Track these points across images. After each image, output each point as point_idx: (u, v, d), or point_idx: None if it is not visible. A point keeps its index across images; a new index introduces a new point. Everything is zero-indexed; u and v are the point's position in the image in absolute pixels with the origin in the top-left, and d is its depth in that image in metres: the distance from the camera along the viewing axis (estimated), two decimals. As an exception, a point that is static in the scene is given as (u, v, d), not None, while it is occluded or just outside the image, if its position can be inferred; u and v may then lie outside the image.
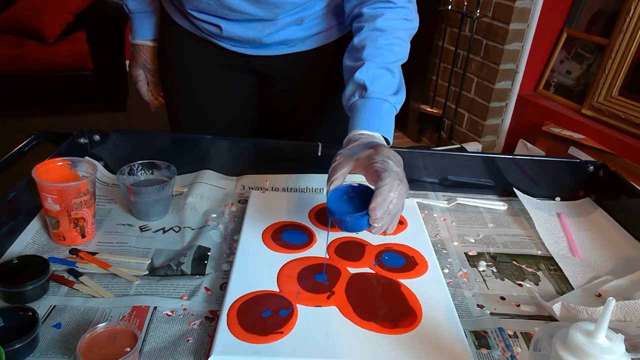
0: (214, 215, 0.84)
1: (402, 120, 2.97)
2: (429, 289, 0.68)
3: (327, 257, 0.73)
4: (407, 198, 0.90)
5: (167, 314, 0.63)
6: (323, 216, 0.82)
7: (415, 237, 0.79)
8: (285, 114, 1.06)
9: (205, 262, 0.73)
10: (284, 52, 0.95)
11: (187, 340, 0.59)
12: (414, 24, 0.84)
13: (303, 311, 0.62)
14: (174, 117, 1.10)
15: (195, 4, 0.88)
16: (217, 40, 0.95)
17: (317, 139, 0.95)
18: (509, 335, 0.64)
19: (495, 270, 0.77)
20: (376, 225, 0.64)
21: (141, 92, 1.11)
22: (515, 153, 1.83)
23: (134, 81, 1.09)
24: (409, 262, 0.73)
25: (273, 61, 0.97)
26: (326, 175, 0.94)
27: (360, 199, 0.67)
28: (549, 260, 0.80)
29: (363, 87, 0.77)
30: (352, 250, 0.75)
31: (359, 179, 0.76)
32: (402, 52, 0.82)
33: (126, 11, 1.02)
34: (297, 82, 1.01)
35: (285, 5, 0.85)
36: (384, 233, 0.67)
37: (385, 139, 0.75)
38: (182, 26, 0.97)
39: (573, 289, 0.74)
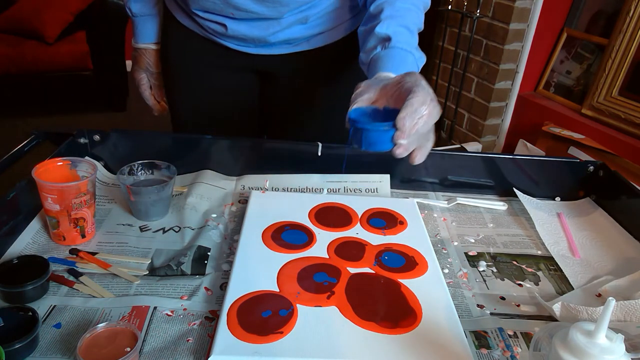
0: (214, 215, 0.84)
1: (402, 120, 2.96)
2: (429, 289, 0.68)
3: (343, 169, 0.67)
4: (407, 199, 0.91)
5: (167, 314, 0.63)
6: (323, 216, 0.82)
7: (415, 237, 0.79)
8: (288, 114, 1.06)
9: (205, 262, 0.73)
10: (288, 51, 0.96)
11: (187, 340, 0.59)
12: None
13: (303, 311, 0.62)
14: (176, 117, 1.10)
15: (201, 3, 0.88)
16: (221, 39, 0.95)
17: (320, 139, 0.95)
18: (509, 335, 0.64)
19: (495, 270, 0.77)
20: (402, 141, 0.57)
21: (144, 96, 1.10)
22: (515, 153, 1.83)
23: (137, 85, 1.09)
24: (409, 262, 0.73)
25: (277, 60, 0.97)
26: (326, 175, 0.94)
27: (386, 118, 0.60)
28: (549, 260, 0.80)
29: (386, 39, 0.74)
30: (352, 250, 0.75)
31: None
32: (419, 18, 0.80)
33: (129, 14, 1.01)
34: (300, 82, 1.01)
35: (290, 3, 0.85)
36: (409, 159, 0.60)
37: None
38: (186, 26, 0.97)
39: (573, 289, 0.74)
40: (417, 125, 0.57)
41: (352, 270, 0.71)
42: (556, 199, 0.98)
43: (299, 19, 0.89)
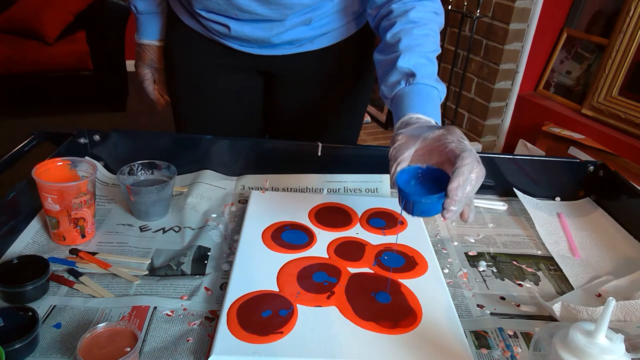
0: (214, 215, 0.84)
1: (402, 120, 2.96)
2: (429, 289, 0.68)
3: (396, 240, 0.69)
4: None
5: (167, 314, 0.63)
6: (323, 216, 0.82)
7: (415, 237, 0.79)
8: (292, 115, 1.06)
9: (205, 262, 0.73)
10: (292, 52, 0.96)
11: (187, 340, 0.59)
12: (441, 19, 0.82)
13: (303, 311, 0.62)
14: (179, 117, 1.10)
15: (205, 3, 0.88)
16: (224, 40, 0.95)
17: (323, 139, 0.95)
18: (509, 335, 0.64)
19: (495, 270, 0.77)
20: (453, 208, 0.58)
21: (147, 90, 1.11)
22: (515, 153, 1.83)
23: (141, 80, 1.09)
24: (409, 262, 0.73)
25: (280, 61, 0.97)
26: (326, 175, 0.94)
27: (432, 182, 0.62)
28: (549, 260, 0.80)
29: (410, 75, 0.73)
30: (352, 250, 0.75)
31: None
32: (436, 43, 0.79)
33: (133, 12, 1.02)
34: (304, 82, 1.01)
35: (294, 6, 0.85)
36: (462, 219, 0.62)
37: None
38: (189, 26, 0.97)
39: (573, 289, 0.74)
40: (468, 193, 0.58)
41: (352, 270, 0.71)
42: (556, 199, 0.98)
43: (302, 21, 0.89)
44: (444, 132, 0.62)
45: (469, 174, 0.58)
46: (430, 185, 0.61)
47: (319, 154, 0.94)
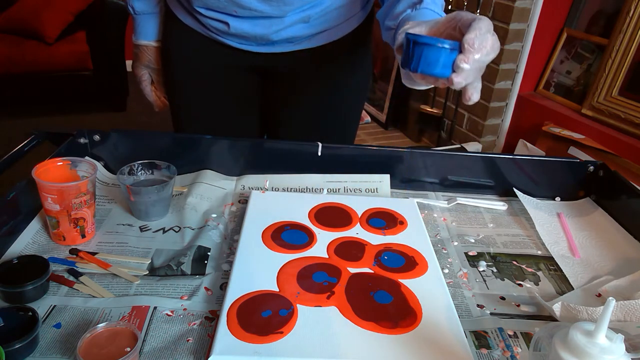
0: (214, 215, 0.84)
1: (402, 120, 2.97)
2: (429, 289, 0.68)
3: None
4: (407, 199, 0.91)
5: (167, 314, 0.63)
6: (323, 216, 0.82)
7: (415, 237, 0.79)
8: (290, 113, 1.06)
9: (205, 262, 0.73)
10: (290, 50, 0.96)
11: (187, 340, 0.59)
12: None
13: (303, 311, 0.62)
14: (177, 116, 1.10)
15: (204, 1, 0.88)
16: (223, 37, 0.95)
17: (321, 137, 0.95)
18: (509, 335, 0.64)
19: (495, 270, 0.77)
20: (465, 65, 0.53)
21: (145, 92, 1.10)
22: (515, 153, 1.83)
23: (138, 81, 1.09)
24: (408, 262, 0.73)
25: (279, 59, 0.97)
26: (326, 175, 0.94)
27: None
28: (549, 260, 0.80)
29: (417, 2, 0.71)
30: (352, 250, 0.75)
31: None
32: None
33: (131, 12, 1.01)
34: (302, 80, 1.01)
35: (294, 2, 0.85)
36: (464, 96, 0.58)
37: None
38: (188, 25, 0.97)
39: (573, 289, 0.74)
40: (483, 51, 0.54)
41: (352, 270, 0.71)
42: (556, 199, 0.98)
43: (301, 18, 0.89)
44: (455, 13, 0.59)
45: (487, 32, 0.54)
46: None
47: (319, 154, 0.94)
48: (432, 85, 0.63)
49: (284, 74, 1.01)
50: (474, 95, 0.59)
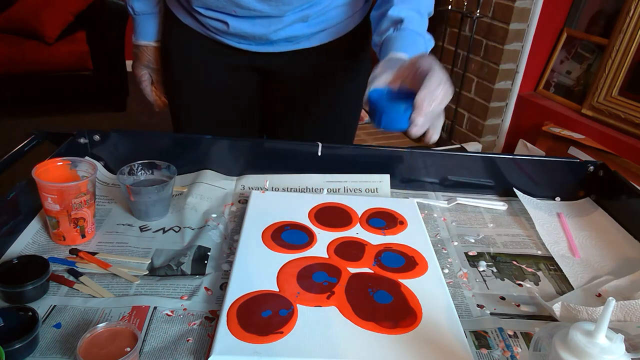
0: (214, 215, 0.84)
1: (402, 120, 2.96)
2: (429, 289, 0.68)
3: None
4: (407, 199, 0.91)
5: (167, 314, 0.63)
6: (323, 216, 0.82)
7: (415, 237, 0.79)
8: (289, 112, 1.07)
9: (205, 262, 0.73)
10: (289, 49, 0.96)
11: (187, 340, 0.59)
12: None
13: (303, 311, 0.62)
14: (176, 116, 1.10)
15: (203, 0, 0.88)
16: (222, 37, 0.95)
17: (321, 138, 0.95)
18: (509, 335, 0.64)
19: (495, 270, 0.77)
20: (419, 119, 0.61)
21: (145, 92, 1.10)
22: (515, 153, 1.83)
23: (138, 81, 1.09)
24: (408, 262, 0.73)
25: (278, 58, 0.97)
26: (326, 175, 0.94)
27: (401, 98, 0.64)
28: (549, 260, 0.80)
29: (398, 22, 0.78)
30: (351, 250, 0.75)
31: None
32: (430, 4, 0.84)
33: (130, 12, 1.01)
34: (301, 80, 1.01)
35: (293, 2, 0.86)
36: (425, 138, 0.64)
37: None
38: (187, 25, 0.97)
39: (573, 289, 0.74)
40: (434, 105, 0.61)
41: (352, 270, 0.71)
42: (556, 199, 0.98)
43: (300, 17, 0.89)
44: (418, 57, 0.66)
45: (436, 88, 0.61)
46: (401, 101, 0.64)
47: (319, 154, 0.94)
48: None
49: (283, 74, 1.01)
50: (433, 135, 0.66)
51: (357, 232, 0.79)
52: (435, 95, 0.61)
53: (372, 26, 0.85)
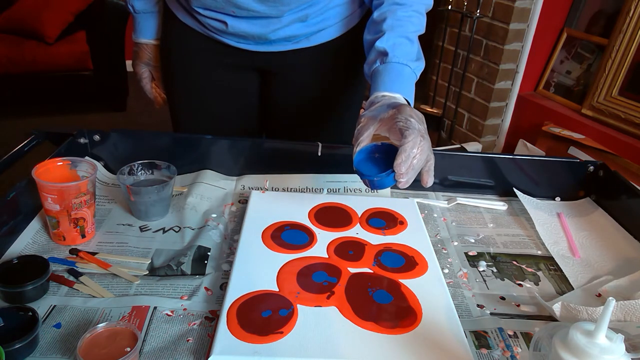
0: (214, 215, 0.84)
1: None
2: (429, 289, 0.68)
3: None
4: (407, 199, 0.91)
5: (167, 314, 0.63)
6: (323, 216, 0.82)
7: (415, 237, 0.79)
8: (288, 111, 1.07)
9: (205, 262, 0.73)
10: (288, 49, 0.96)
11: (187, 340, 0.59)
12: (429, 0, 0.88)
13: (303, 311, 0.62)
14: (175, 116, 1.10)
15: (202, 1, 0.88)
16: (221, 36, 0.95)
17: (320, 137, 0.95)
18: (509, 335, 0.64)
19: (495, 270, 0.77)
20: (402, 180, 0.67)
21: (145, 89, 1.11)
22: (515, 153, 1.83)
23: (138, 79, 1.10)
24: (408, 262, 0.73)
25: (277, 57, 0.97)
26: (326, 175, 0.94)
27: (386, 157, 0.71)
28: (549, 260, 0.80)
29: (384, 54, 0.80)
30: (351, 250, 0.75)
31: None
32: (420, 23, 0.85)
33: (131, 11, 1.02)
34: (300, 79, 1.01)
35: (291, 2, 0.86)
36: (422, 182, 0.71)
37: (407, 101, 0.77)
38: (186, 24, 0.97)
39: (573, 289, 0.74)
40: (412, 166, 0.67)
41: (352, 270, 0.71)
42: (556, 199, 0.98)
43: (299, 17, 0.90)
44: (395, 111, 0.70)
45: (411, 150, 0.67)
46: (387, 160, 0.70)
47: (319, 154, 0.94)
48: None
49: (282, 73, 1.01)
50: (428, 181, 0.71)
51: (357, 232, 0.79)
52: (413, 155, 0.66)
53: (365, 52, 0.86)
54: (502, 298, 0.71)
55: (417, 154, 0.67)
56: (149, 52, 1.06)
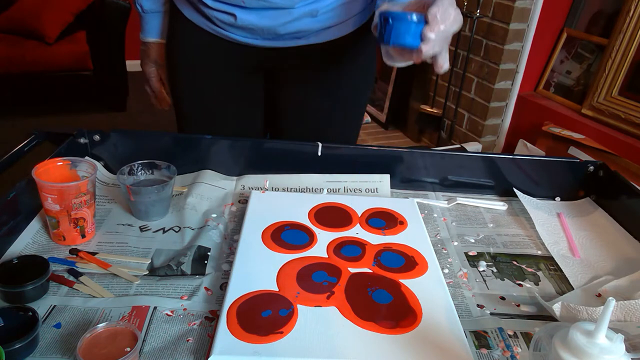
0: (214, 215, 0.84)
1: (402, 120, 2.98)
2: (429, 289, 0.68)
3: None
4: (407, 199, 0.91)
5: (167, 314, 0.63)
6: (323, 216, 0.82)
7: (415, 237, 0.79)
8: (293, 111, 1.06)
9: (205, 262, 0.73)
10: (296, 44, 0.95)
11: (187, 340, 0.59)
12: None
13: (303, 311, 0.62)
14: (181, 114, 1.10)
15: None
16: (229, 32, 0.94)
17: (324, 136, 0.95)
18: (509, 335, 0.64)
19: (495, 270, 0.77)
20: (431, 35, 0.60)
21: (154, 88, 1.10)
22: (515, 153, 1.83)
23: (146, 78, 1.09)
24: (408, 262, 0.73)
25: (285, 54, 0.96)
26: (326, 175, 0.94)
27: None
28: (549, 260, 0.80)
29: None
30: (352, 251, 0.75)
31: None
32: None
33: (139, 10, 1.02)
34: (306, 78, 1.01)
35: None
36: (436, 68, 0.64)
37: None
38: (193, 22, 0.97)
39: (573, 289, 0.74)
40: (446, 22, 0.61)
41: (352, 270, 0.71)
42: (556, 199, 0.98)
43: (309, 11, 0.89)
44: None
45: (449, 6, 0.61)
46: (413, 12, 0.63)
47: (319, 154, 0.94)
48: (410, 62, 0.68)
49: (289, 71, 1.01)
50: (445, 64, 0.65)
51: (357, 232, 0.79)
52: (449, 13, 0.61)
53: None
54: (502, 298, 0.71)
55: (452, 14, 0.62)
56: (157, 51, 1.06)
